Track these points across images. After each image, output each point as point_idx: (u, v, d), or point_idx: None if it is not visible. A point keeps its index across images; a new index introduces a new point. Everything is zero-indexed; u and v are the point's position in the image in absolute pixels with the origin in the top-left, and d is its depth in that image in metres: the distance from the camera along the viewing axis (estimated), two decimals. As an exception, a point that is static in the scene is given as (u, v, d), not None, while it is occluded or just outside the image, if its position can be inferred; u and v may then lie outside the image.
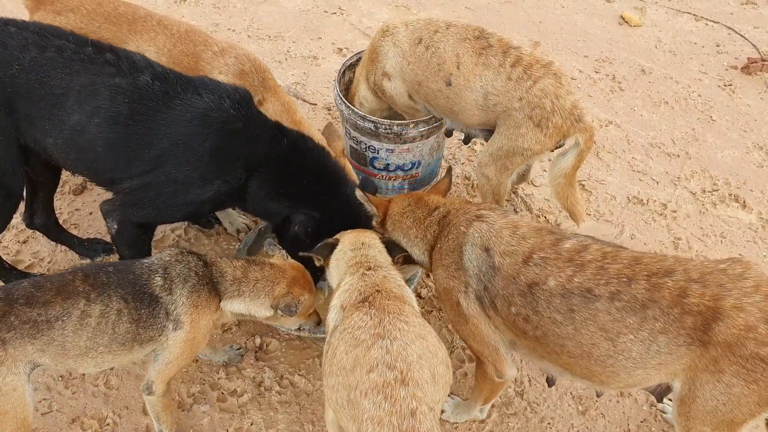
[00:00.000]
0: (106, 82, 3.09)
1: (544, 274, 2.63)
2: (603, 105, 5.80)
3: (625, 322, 2.50)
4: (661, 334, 2.47)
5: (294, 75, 5.82)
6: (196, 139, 3.14)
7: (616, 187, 4.99)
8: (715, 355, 2.41)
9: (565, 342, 2.63)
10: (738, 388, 2.41)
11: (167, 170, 3.16)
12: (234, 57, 3.80)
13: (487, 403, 3.34)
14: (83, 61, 3.10)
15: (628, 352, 2.54)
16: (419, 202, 3.15)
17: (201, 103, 3.15)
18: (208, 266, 3.00)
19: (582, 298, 2.55)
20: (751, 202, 4.92)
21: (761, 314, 2.38)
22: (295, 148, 3.40)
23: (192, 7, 6.55)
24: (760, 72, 6.33)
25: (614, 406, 3.59)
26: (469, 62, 3.77)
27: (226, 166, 3.24)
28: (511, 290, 2.69)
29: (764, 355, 2.35)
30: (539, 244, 2.72)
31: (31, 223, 3.88)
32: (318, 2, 6.88)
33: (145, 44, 3.75)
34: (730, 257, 2.64)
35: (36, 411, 3.35)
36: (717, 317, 2.40)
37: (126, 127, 3.11)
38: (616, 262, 2.58)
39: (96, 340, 2.71)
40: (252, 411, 3.43)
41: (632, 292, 2.50)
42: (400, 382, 2.24)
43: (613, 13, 7.18)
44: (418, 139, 4.28)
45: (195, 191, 3.23)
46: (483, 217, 2.89)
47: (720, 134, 5.57)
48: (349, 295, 2.66)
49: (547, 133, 3.68)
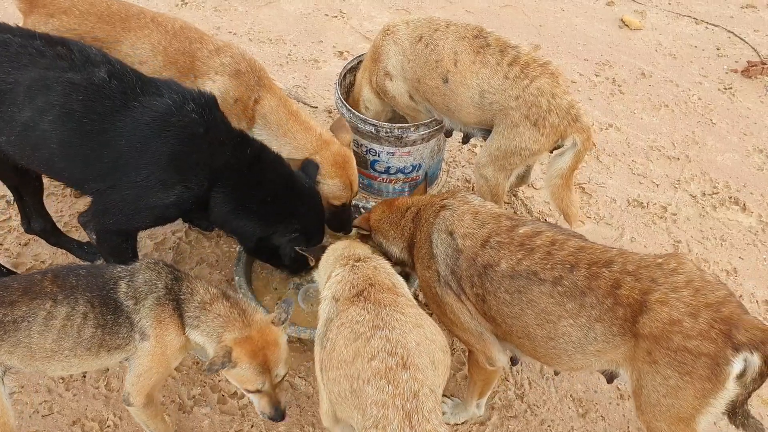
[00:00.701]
0: (57, 77, 2.98)
1: (497, 257, 2.78)
2: (603, 108, 5.80)
3: (565, 306, 2.63)
4: (597, 321, 2.58)
5: (295, 78, 5.83)
6: (154, 142, 3.08)
7: (616, 190, 5.00)
8: (647, 347, 2.50)
9: (513, 322, 2.78)
10: (674, 380, 2.48)
11: (127, 173, 3.11)
12: (230, 56, 3.79)
13: (483, 396, 3.36)
14: (31, 55, 2.99)
15: (568, 336, 2.66)
16: (392, 207, 3.29)
17: (160, 106, 3.09)
18: (179, 282, 2.85)
19: (528, 281, 2.70)
20: (751, 205, 4.93)
21: (686, 308, 2.45)
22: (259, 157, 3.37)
23: (193, 11, 6.57)
24: (760, 75, 6.34)
25: (614, 409, 3.59)
26: (466, 60, 3.79)
27: (187, 172, 3.18)
28: (472, 271, 2.84)
29: (691, 347, 2.42)
30: (496, 229, 2.86)
31: (29, 228, 3.88)
32: (319, 5, 6.90)
33: (140, 42, 3.72)
34: (669, 252, 2.72)
35: (36, 413, 3.36)
36: (643, 310, 2.50)
37: (80, 125, 3.02)
38: (563, 249, 2.71)
39: (61, 343, 2.65)
40: (252, 413, 3.43)
41: (573, 279, 2.63)
42: (401, 366, 2.31)
43: (614, 16, 7.19)
44: (419, 142, 4.29)
45: (156, 195, 3.17)
46: (447, 206, 3.04)
47: (720, 137, 5.57)
48: (341, 287, 2.71)
49: (544, 133, 3.69)
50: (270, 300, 3.89)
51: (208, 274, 4.07)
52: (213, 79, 3.71)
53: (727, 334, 2.39)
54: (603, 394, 3.65)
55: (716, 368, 2.40)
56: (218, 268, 4.12)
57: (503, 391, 3.64)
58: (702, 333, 2.41)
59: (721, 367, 2.39)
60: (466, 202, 3.04)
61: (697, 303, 2.45)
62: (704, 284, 2.52)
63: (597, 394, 3.65)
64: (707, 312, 2.43)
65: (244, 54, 3.88)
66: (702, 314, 2.43)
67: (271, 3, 6.86)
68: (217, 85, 3.69)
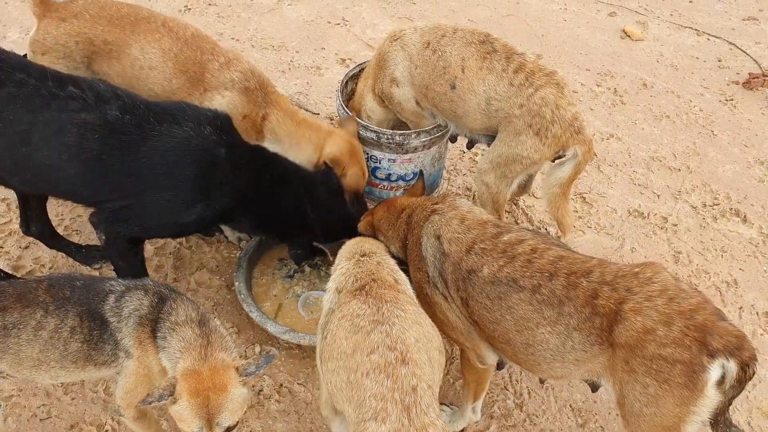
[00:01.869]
0: (71, 119, 3.01)
1: (480, 263, 2.82)
2: (604, 118, 5.81)
3: (543, 314, 2.66)
4: (575, 330, 2.61)
5: (297, 85, 5.84)
6: (177, 167, 3.15)
7: (617, 200, 5.00)
8: (624, 356, 2.51)
9: (494, 327, 2.82)
10: (652, 388, 2.48)
11: (150, 195, 3.18)
12: (240, 72, 3.80)
13: (478, 399, 3.37)
14: (44, 97, 3.01)
15: (546, 344, 2.69)
16: (390, 207, 3.34)
17: (180, 132, 3.15)
18: (164, 301, 2.71)
19: (508, 287, 2.73)
20: (752, 217, 4.93)
21: (660, 317, 2.46)
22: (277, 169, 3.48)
23: (196, 16, 6.58)
24: (761, 87, 6.35)
25: (614, 419, 3.58)
26: (473, 66, 3.79)
27: (209, 192, 3.26)
28: (456, 275, 2.88)
29: (666, 355, 2.42)
30: (481, 235, 2.91)
31: (28, 231, 3.88)
32: (322, 13, 6.92)
33: (149, 46, 3.73)
34: (644, 261, 2.73)
35: (35, 417, 3.35)
36: (618, 319, 2.51)
37: (99, 162, 3.07)
38: (543, 258, 2.74)
39: (48, 354, 2.61)
40: (251, 419, 3.42)
41: (551, 287, 2.65)
42: (400, 361, 2.35)
43: (616, 27, 7.21)
44: (420, 149, 4.29)
45: (178, 214, 3.26)
46: (437, 210, 3.09)
47: (721, 149, 5.58)
48: (345, 279, 2.76)
49: (546, 143, 3.69)
50: (269, 306, 3.88)
51: (208, 280, 4.06)
52: (222, 95, 3.73)
53: (701, 341, 2.39)
54: (603, 404, 3.64)
55: (693, 375, 2.40)
56: (218, 274, 4.12)
57: (502, 400, 3.63)
58: (676, 340, 2.41)
59: (698, 374, 2.39)
60: (454, 207, 3.09)
61: (670, 311, 2.46)
62: (678, 292, 2.52)
63: (597, 404, 3.64)
64: (681, 319, 2.44)
65: (253, 70, 3.89)
66: (676, 322, 2.43)
67: (274, 10, 6.88)
68: (226, 100, 3.72)
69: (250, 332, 3.80)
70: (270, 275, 4.06)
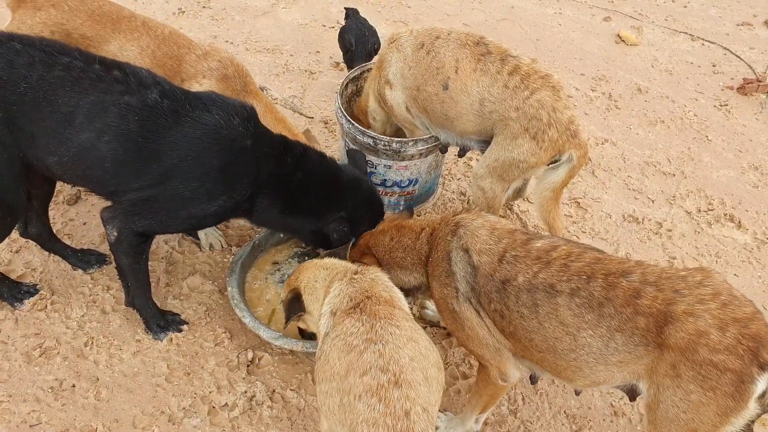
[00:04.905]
0: (115, 100, 3.07)
1: (514, 271, 2.77)
2: (599, 123, 5.81)
3: (584, 318, 2.61)
4: (617, 332, 2.56)
5: (291, 88, 5.82)
6: (205, 155, 3.17)
7: (611, 205, 4.99)
8: (672, 359, 2.46)
9: (532, 336, 2.76)
10: (696, 395, 2.43)
11: (174, 185, 3.18)
12: (218, 60, 3.84)
13: (485, 411, 3.33)
14: (91, 80, 3.07)
15: (589, 347, 2.63)
16: (402, 231, 3.25)
17: (211, 121, 3.18)
18: None
19: (545, 293, 2.68)
20: (747, 222, 4.93)
21: (714, 321, 2.41)
22: (303, 159, 3.47)
23: (190, 19, 6.56)
24: (755, 93, 6.37)
25: (608, 426, 3.57)
26: (467, 67, 3.78)
27: (233, 183, 3.28)
28: (490, 287, 2.82)
29: (717, 361, 2.37)
30: (512, 244, 2.86)
31: (25, 233, 3.85)
32: (316, 16, 6.90)
33: (129, 44, 3.76)
34: (696, 266, 2.71)
35: (24, 423, 3.31)
36: (668, 320, 2.46)
37: (136, 144, 3.11)
38: (579, 261, 2.70)
39: None
40: (243, 426, 3.39)
41: (590, 290, 2.61)
42: (393, 384, 2.29)
43: (611, 31, 7.22)
44: (416, 157, 4.27)
45: (200, 206, 3.26)
46: (461, 222, 3.02)
47: (716, 154, 5.58)
48: (339, 301, 2.71)
49: (542, 146, 3.68)
50: (263, 311, 3.86)
51: (201, 284, 4.03)
52: (200, 83, 3.76)
53: (754, 351, 2.35)
54: (597, 411, 3.63)
55: (741, 385, 2.35)
56: (211, 279, 4.09)
57: (496, 407, 3.60)
58: (729, 347, 2.36)
59: (746, 384, 2.35)
60: (481, 218, 3.03)
61: (725, 316, 2.41)
62: (732, 298, 2.47)
63: (591, 411, 3.63)
64: (735, 326, 2.39)
65: (231, 59, 3.93)
66: (730, 328, 2.38)
67: (269, 13, 6.87)
68: (203, 88, 3.73)
69: (243, 337, 3.78)
70: (263, 280, 4.04)
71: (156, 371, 3.58)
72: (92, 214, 4.36)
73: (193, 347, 3.70)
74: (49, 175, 3.37)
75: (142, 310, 3.69)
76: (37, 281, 3.95)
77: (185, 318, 3.82)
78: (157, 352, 3.66)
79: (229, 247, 4.30)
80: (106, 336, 3.70)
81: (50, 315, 3.76)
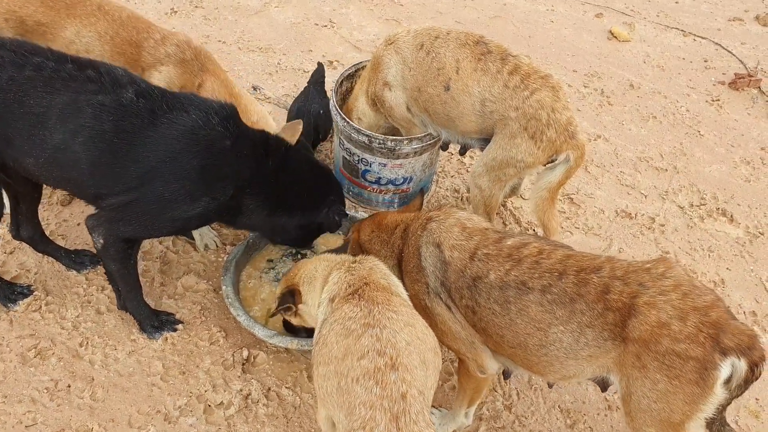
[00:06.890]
0: (89, 100, 3.02)
1: (486, 269, 2.81)
2: (592, 119, 5.83)
3: (555, 314, 2.65)
4: (588, 327, 2.60)
5: (284, 87, 5.82)
6: (183, 156, 3.13)
7: (604, 200, 5.01)
8: (637, 351, 2.51)
9: (503, 332, 2.80)
10: (662, 384, 2.48)
11: (154, 187, 3.14)
12: (175, 45, 3.82)
13: (472, 405, 3.36)
14: (64, 79, 3.03)
15: (560, 343, 2.68)
16: (380, 225, 3.31)
17: (188, 121, 3.13)
18: None
19: (517, 290, 2.72)
20: (739, 217, 4.95)
21: (674, 311, 2.46)
22: (286, 155, 3.45)
23: (183, 19, 6.56)
24: (747, 87, 6.39)
25: (602, 420, 3.59)
26: (468, 67, 3.79)
27: (215, 184, 3.24)
28: (461, 283, 2.86)
29: (680, 350, 2.43)
30: (483, 241, 2.89)
31: (17, 235, 3.84)
32: (309, 15, 6.90)
33: (85, 29, 3.71)
34: (657, 257, 2.74)
35: (20, 423, 3.31)
36: (632, 314, 2.51)
37: (111, 144, 3.06)
38: (550, 258, 2.74)
39: None
40: (239, 424, 3.40)
41: (562, 286, 2.64)
42: (390, 367, 2.33)
43: (602, 28, 7.23)
44: (411, 155, 4.28)
45: (182, 208, 3.22)
46: (433, 218, 3.07)
47: (708, 149, 5.61)
48: (338, 288, 2.74)
49: (540, 146, 3.69)
50: (258, 310, 3.86)
51: (195, 284, 4.04)
52: (159, 70, 3.76)
53: (715, 338, 2.40)
54: (591, 405, 3.65)
55: (704, 372, 2.40)
56: (205, 278, 4.10)
57: (491, 402, 3.62)
58: (690, 336, 2.42)
59: (709, 371, 2.40)
60: (452, 216, 3.06)
61: (685, 306, 2.47)
62: (692, 288, 2.53)
63: (585, 405, 3.64)
64: (695, 315, 2.44)
65: (189, 42, 3.91)
66: (690, 318, 2.44)
67: (261, 12, 6.86)
68: (162, 75, 3.74)
69: (238, 336, 3.79)
70: (258, 279, 4.04)
71: (151, 370, 3.58)
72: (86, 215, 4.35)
73: (188, 346, 3.71)
74: (29, 177, 3.32)
75: (135, 312, 3.69)
76: (32, 282, 3.95)
77: (180, 317, 3.83)
78: (153, 351, 3.67)
79: (223, 246, 4.31)
80: (101, 336, 3.71)
81: (45, 316, 3.76)
